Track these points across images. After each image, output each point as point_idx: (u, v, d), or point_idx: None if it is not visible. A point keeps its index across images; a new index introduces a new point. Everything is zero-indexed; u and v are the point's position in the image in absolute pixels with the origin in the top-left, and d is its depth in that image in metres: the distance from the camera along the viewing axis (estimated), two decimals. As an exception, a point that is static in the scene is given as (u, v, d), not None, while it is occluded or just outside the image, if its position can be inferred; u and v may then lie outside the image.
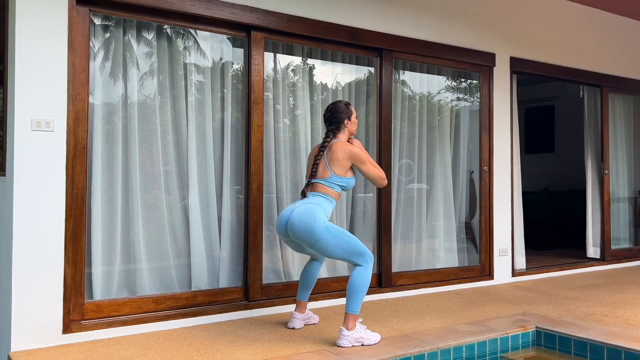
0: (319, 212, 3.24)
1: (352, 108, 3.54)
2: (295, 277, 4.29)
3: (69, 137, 3.36)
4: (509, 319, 3.84)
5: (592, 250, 6.47)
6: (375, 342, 3.25)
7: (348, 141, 3.53)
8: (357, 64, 4.73)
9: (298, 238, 3.27)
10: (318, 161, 3.43)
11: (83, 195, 3.43)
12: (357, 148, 3.42)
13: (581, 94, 6.59)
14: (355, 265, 3.27)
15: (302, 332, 3.56)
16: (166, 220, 3.86)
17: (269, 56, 4.26)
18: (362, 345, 3.21)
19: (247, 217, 4.06)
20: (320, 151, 3.44)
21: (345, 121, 3.50)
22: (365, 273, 3.24)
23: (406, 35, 4.78)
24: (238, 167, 4.12)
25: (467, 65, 5.22)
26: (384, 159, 4.66)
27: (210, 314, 3.82)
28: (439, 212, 5.17)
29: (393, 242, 4.78)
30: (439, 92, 5.23)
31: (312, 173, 3.43)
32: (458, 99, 5.36)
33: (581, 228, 7.09)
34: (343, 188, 3.43)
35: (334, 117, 3.49)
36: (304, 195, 3.44)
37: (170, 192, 3.89)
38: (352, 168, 3.44)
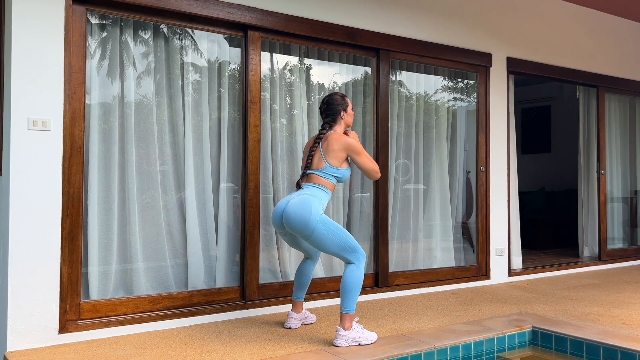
0: (315, 203, 3.24)
1: (348, 100, 3.55)
2: (292, 276, 4.29)
3: (65, 137, 3.36)
4: (505, 318, 3.85)
5: (586, 250, 6.53)
6: (372, 342, 3.25)
7: (344, 133, 3.54)
8: (354, 63, 4.73)
9: (293, 229, 3.27)
10: (313, 152, 3.43)
11: (79, 194, 3.42)
12: (353, 139, 3.43)
13: (577, 94, 6.61)
14: (347, 262, 3.26)
15: (299, 332, 3.56)
16: (163, 219, 3.85)
17: (266, 56, 4.26)
18: (359, 344, 3.21)
19: (244, 216, 4.06)
20: (316, 142, 3.45)
21: (342, 113, 3.50)
22: (357, 271, 3.24)
23: (403, 35, 4.79)
24: (235, 167, 4.12)
25: (464, 65, 5.23)
26: (381, 158, 4.66)
27: (207, 313, 3.82)
28: (435, 212, 5.17)
29: (390, 241, 4.78)
30: (436, 92, 5.23)
31: (307, 164, 3.44)
32: (455, 99, 5.37)
33: (577, 228, 7.12)
34: (338, 179, 3.43)
35: (330, 108, 3.50)
36: (299, 186, 3.44)
37: (166, 191, 3.88)
38: (347, 160, 3.45)
